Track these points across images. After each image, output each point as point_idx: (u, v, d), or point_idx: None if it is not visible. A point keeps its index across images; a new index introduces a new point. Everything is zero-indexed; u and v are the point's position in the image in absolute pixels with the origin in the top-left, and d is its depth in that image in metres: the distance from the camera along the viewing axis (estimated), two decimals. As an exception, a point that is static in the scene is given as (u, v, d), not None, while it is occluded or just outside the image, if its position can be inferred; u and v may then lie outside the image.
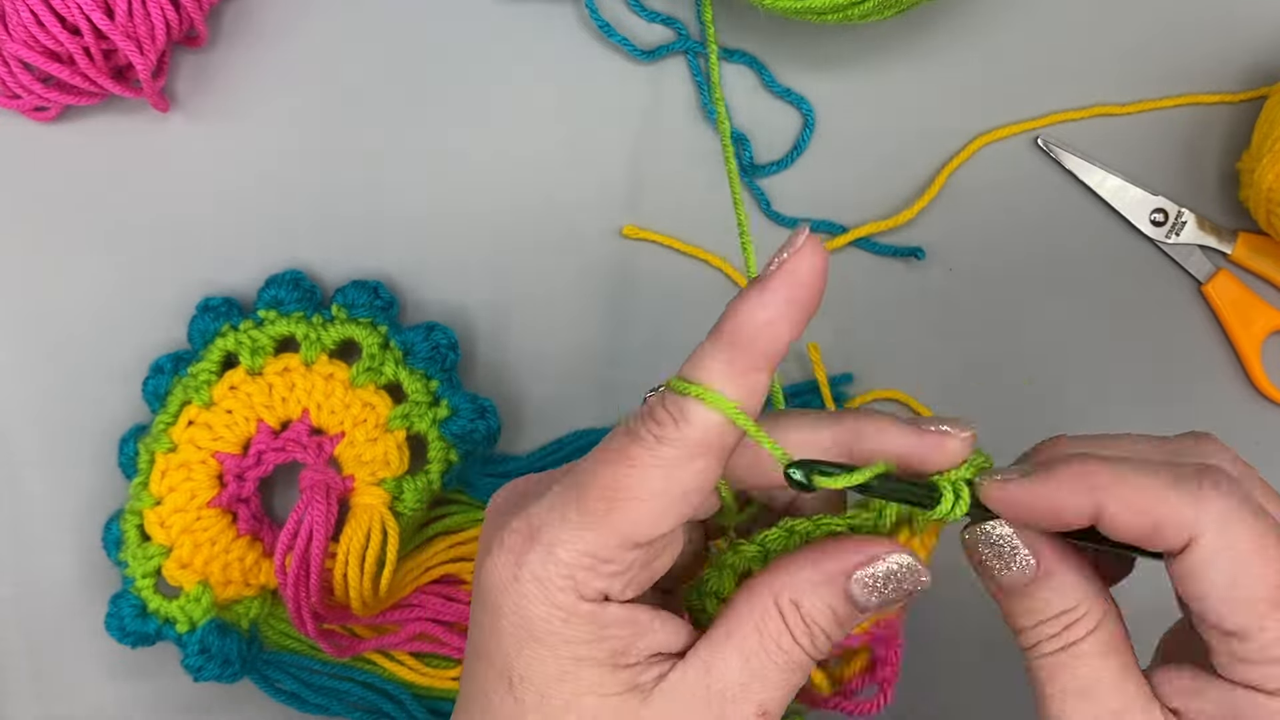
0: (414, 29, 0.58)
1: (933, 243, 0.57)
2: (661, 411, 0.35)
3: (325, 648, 0.52)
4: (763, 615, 0.36)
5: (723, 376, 0.35)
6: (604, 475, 0.35)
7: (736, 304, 0.35)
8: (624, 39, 0.57)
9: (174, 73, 0.58)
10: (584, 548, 0.35)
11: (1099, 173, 0.57)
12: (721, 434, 0.35)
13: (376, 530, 0.52)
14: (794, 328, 0.35)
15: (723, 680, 0.36)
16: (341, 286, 0.55)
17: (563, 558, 0.35)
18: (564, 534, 0.35)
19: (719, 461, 0.35)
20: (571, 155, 0.58)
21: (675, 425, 0.35)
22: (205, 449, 0.53)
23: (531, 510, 0.36)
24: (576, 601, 0.35)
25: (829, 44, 0.58)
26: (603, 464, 0.35)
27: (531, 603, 0.35)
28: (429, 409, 0.54)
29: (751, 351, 0.35)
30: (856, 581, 0.36)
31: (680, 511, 0.35)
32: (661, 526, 0.35)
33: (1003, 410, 0.57)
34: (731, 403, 0.34)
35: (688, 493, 0.35)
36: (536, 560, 0.35)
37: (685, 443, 0.34)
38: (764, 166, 0.58)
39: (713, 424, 0.35)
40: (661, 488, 0.35)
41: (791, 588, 0.36)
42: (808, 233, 0.35)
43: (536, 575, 0.35)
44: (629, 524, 0.35)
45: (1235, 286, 0.57)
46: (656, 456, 0.34)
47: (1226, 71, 0.58)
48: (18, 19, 0.52)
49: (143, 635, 0.53)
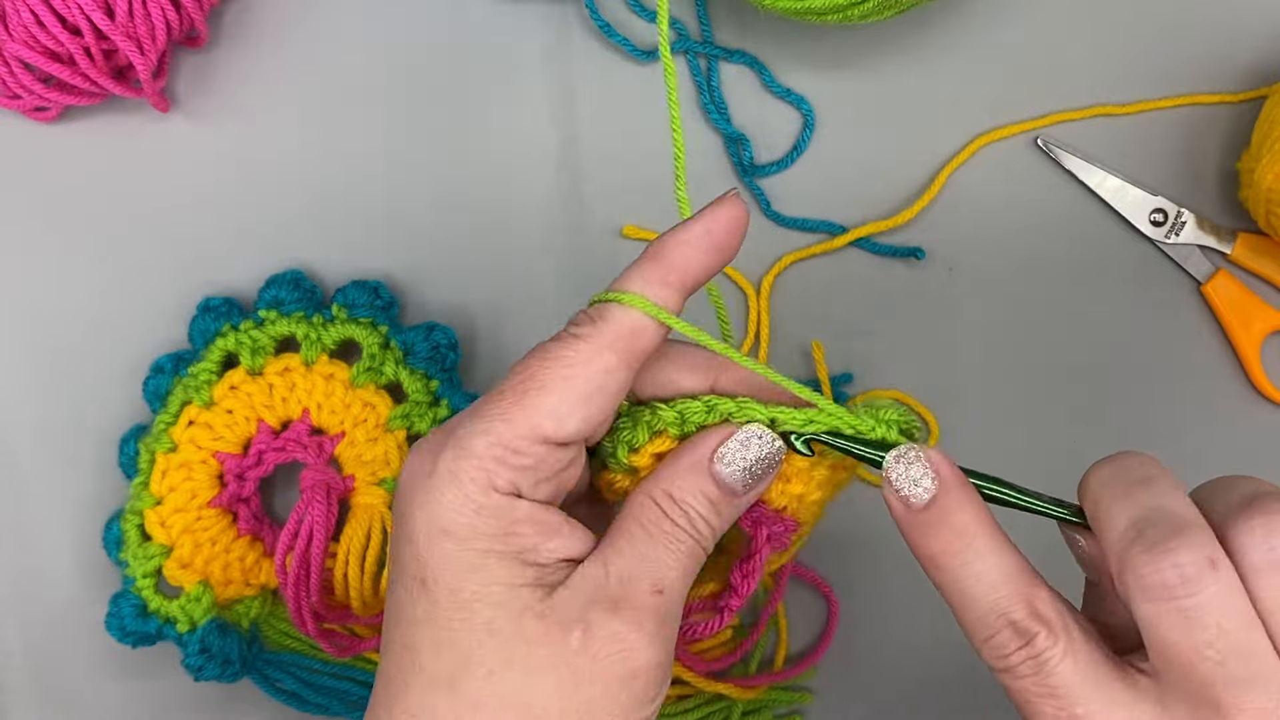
0: (414, 29, 0.58)
1: (933, 243, 0.57)
2: (581, 314, 0.39)
3: (325, 647, 0.52)
4: (640, 508, 0.39)
5: (637, 284, 0.38)
6: (520, 370, 0.38)
7: (660, 235, 0.39)
8: (624, 39, 0.57)
9: (174, 73, 0.58)
10: (494, 438, 0.36)
11: (1099, 173, 0.57)
12: (635, 332, 0.38)
13: (377, 530, 0.52)
14: (706, 257, 0.39)
15: (617, 568, 0.38)
16: (342, 286, 0.55)
17: (475, 449, 0.36)
18: (477, 426, 0.37)
19: (628, 364, 0.38)
20: (571, 155, 0.58)
21: (592, 323, 0.38)
22: (206, 449, 0.53)
23: (451, 420, 0.38)
24: (488, 491, 0.36)
25: (829, 44, 0.58)
26: (520, 362, 0.38)
27: (444, 495, 0.37)
28: (429, 409, 0.54)
29: (664, 266, 0.39)
30: (718, 459, 0.39)
31: (588, 407, 0.37)
32: (569, 421, 0.37)
33: (1003, 410, 0.57)
34: (646, 300, 0.38)
35: (596, 389, 0.37)
36: (450, 455, 0.37)
37: (598, 336, 0.38)
38: (764, 166, 0.58)
39: (626, 321, 0.38)
40: (569, 375, 0.37)
41: (664, 480, 0.39)
42: (734, 192, 0.40)
43: (450, 469, 0.37)
44: (538, 413, 0.37)
45: (1235, 286, 0.57)
46: (570, 348, 0.37)
47: (1226, 71, 0.58)
48: (18, 19, 0.52)
49: (143, 635, 0.53)
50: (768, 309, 0.57)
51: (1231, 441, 0.57)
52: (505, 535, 0.37)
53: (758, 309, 0.57)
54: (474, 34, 0.58)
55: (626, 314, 0.38)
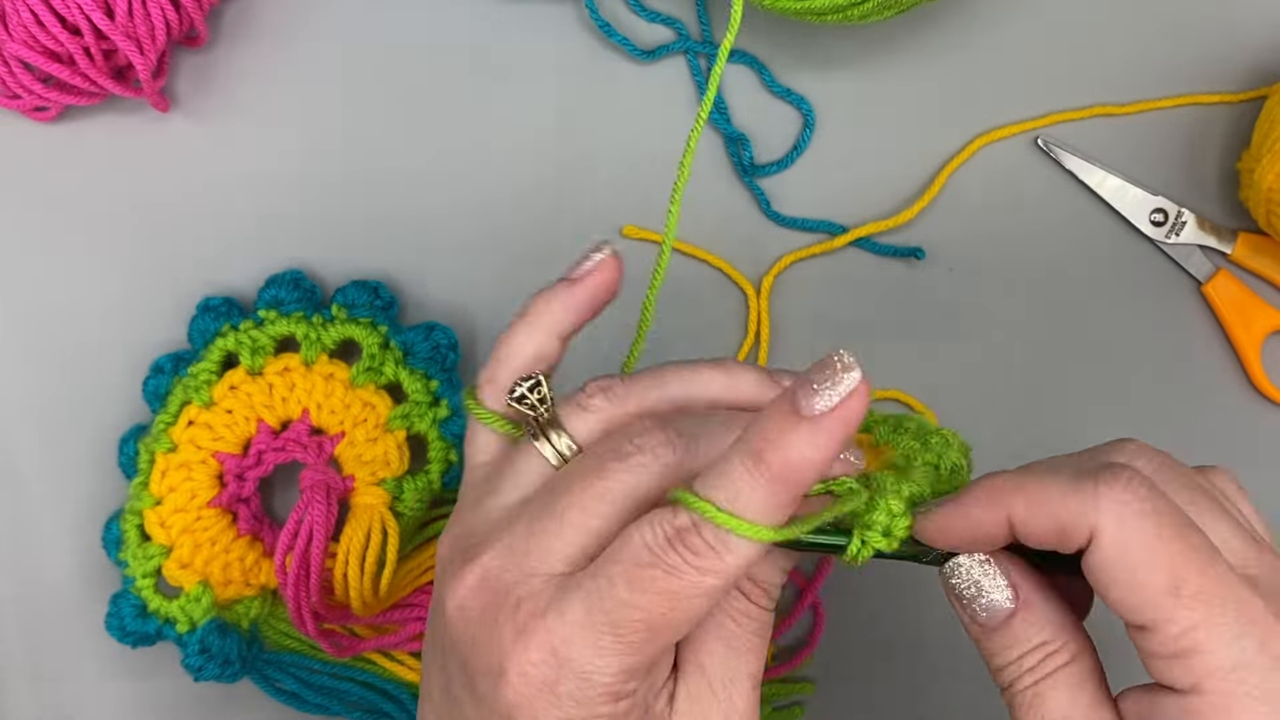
0: (414, 29, 0.58)
1: (933, 243, 0.57)
2: (700, 543, 0.34)
3: (325, 647, 0.52)
4: (728, 602, 0.38)
5: (764, 512, 0.34)
6: (639, 607, 0.35)
7: (784, 434, 0.33)
8: (624, 39, 0.57)
9: (174, 73, 0.58)
10: (620, 669, 0.35)
11: (1099, 173, 0.57)
12: (758, 558, 0.35)
13: (376, 530, 0.52)
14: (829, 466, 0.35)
15: (716, 671, 0.37)
16: (341, 286, 0.55)
17: (602, 682, 0.35)
18: (599, 662, 0.35)
19: None
20: (571, 155, 0.58)
21: (718, 558, 0.34)
22: (205, 449, 0.53)
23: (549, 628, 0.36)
24: (615, 704, 0.36)
25: (829, 44, 0.58)
26: (638, 594, 0.35)
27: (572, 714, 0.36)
28: (429, 409, 0.54)
29: (795, 490, 0.34)
30: None
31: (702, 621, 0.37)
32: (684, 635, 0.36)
33: (1002, 410, 0.57)
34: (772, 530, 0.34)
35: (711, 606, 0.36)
36: (574, 688, 0.35)
37: (726, 575, 0.35)
38: (764, 166, 0.58)
39: (752, 555, 0.35)
40: (699, 615, 0.35)
41: None
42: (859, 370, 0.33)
43: (575, 700, 0.35)
44: (665, 645, 0.36)
45: (1235, 286, 0.57)
46: (698, 589, 0.35)
47: (1226, 71, 0.58)
48: (18, 19, 0.52)
49: (143, 635, 0.53)
50: (768, 309, 0.57)
51: (1231, 441, 0.57)
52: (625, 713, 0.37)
53: (758, 309, 0.57)
54: (474, 34, 0.58)
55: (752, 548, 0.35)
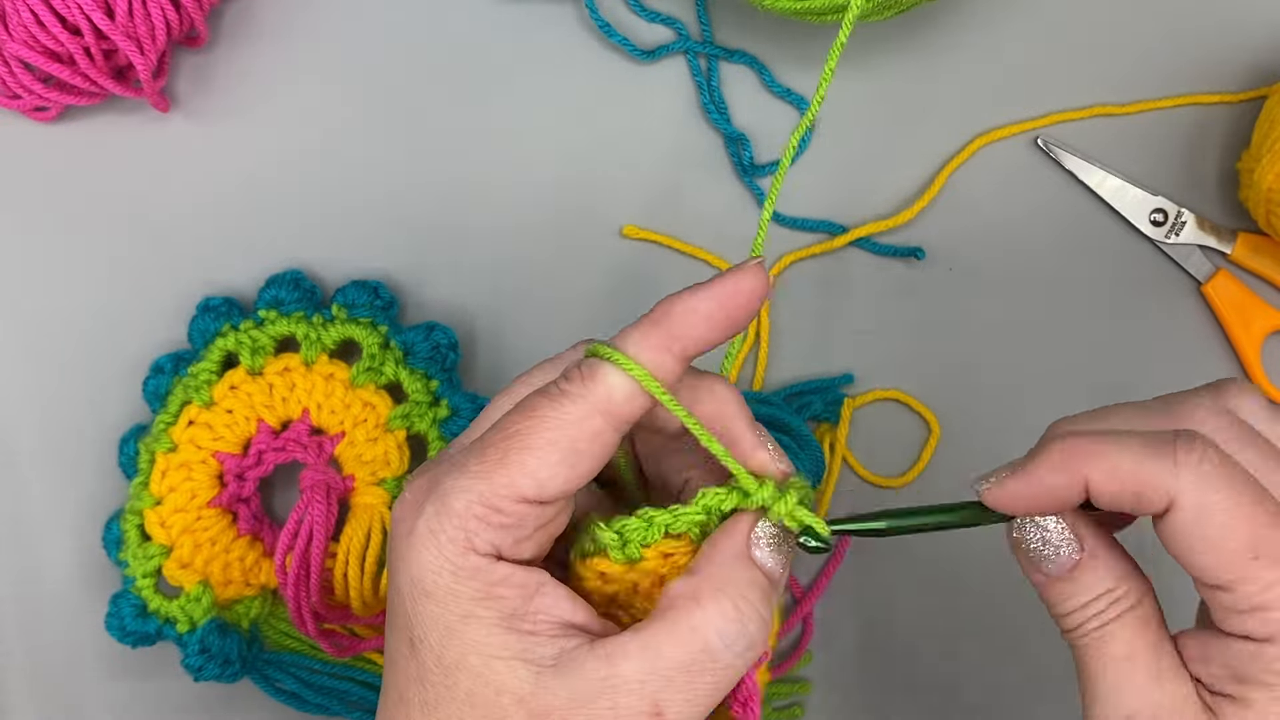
0: (414, 29, 0.58)
1: (933, 243, 0.57)
2: (573, 370, 0.37)
3: (325, 647, 0.52)
4: (679, 614, 0.36)
5: (636, 346, 0.37)
6: (504, 425, 0.36)
7: (670, 295, 0.37)
8: (624, 39, 0.57)
9: (174, 73, 0.58)
10: (475, 496, 0.35)
11: (1099, 173, 0.57)
12: (625, 398, 0.36)
13: (376, 530, 0.52)
14: (715, 327, 0.37)
15: (621, 674, 0.35)
16: (341, 286, 0.55)
17: (455, 507, 0.36)
18: (459, 482, 0.36)
19: (616, 428, 0.37)
20: (571, 155, 0.58)
21: (582, 382, 0.36)
22: (205, 449, 0.53)
23: (436, 465, 0.37)
24: (465, 553, 0.35)
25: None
26: (506, 416, 0.37)
27: (422, 555, 0.36)
28: (429, 409, 0.54)
29: (668, 330, 0.37)
30: (754, 543, 0.37)
31: (572, 470, 0.36)
32: (552, 483, 0.36)
33: (1002, 410, 0.57)
34: (641, 368, 0.36)
35: (581, 451, 0.36)
36: (431, 511, 0.36)
37: (587, 399, 0.36)
38: (764, 166, 0.58)
39: (617, 386, 0.36)
40: (555, 438, 0.36)
41: (713, 580, 0.36)
42: (758, 262, 0.38)
43: (430, 527, 0.36)
44: (521, 473, 0.35)
45: (1235, 286, 0.57)
46: (557, 408, 0.36)
47: (1226, 71, 0.58)
48: (18, 19, 0.52)
49: (143, 635, 0.53)
50: (768, 309, 0.57)
51: (1231, 441, 0.57)
52: (484, 599, 0.35)
53: (758, 309, 0.57)
54: (474, 34, 0.58)
55: (619, 378, 0.36)
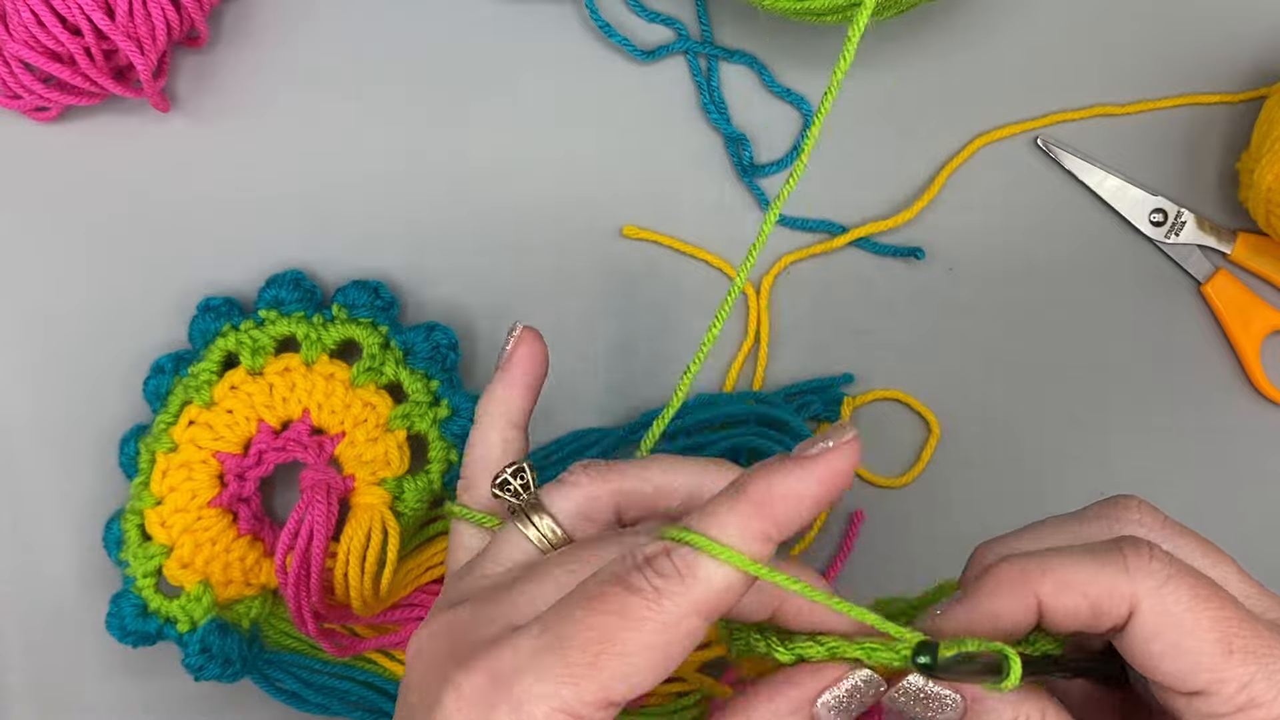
0: (414, 29, 0.58)
1: (933, 242, 0.57)
2: (665, 563, 0.32)
3: (326, 647, 0.52)
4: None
5: (737, 535, 0.32)
6: (592, 625, 0.32)
7: (769, 468, 0.33)
8: (624, 39, 0.57)
9: (175, 73, 0.58)
10: (560, 704, 0.32)
11: (1098, 173, 0.57)
12: (727, 593, 0.33)
13: (377, 530, 0.52)
14: (815, 512, 0.33)
15: None
16: (342, 286, 0.55)
17: (536, 714, 0.32)
18: (539, 687, 0.32)
19: (710, 621, 0.33)
20: (571, 155, 0.58)
21: (680, 579, 0.32)
22: (206, 449, 0.53)
23: (494, 655, 0.33)
24: None
25: (829, 44, 0.58)
26: (591, 613, 0.32)
27: None
28: (429, 409, 0.54)
29: (771, 517, 0.33)
30: (823, 705, 0.35)
31: (665, 670, 0.33)
32: (644, 685, 0.32)
33: (1002, 410, 0.57)
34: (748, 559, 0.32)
35: (675, 655, 0.33)
36: (505, 715, 0.32)
37: (688, 599, 0.32)
38: (764, 166, 0.58)
39: (719, 581, 0.32)
40: (651, 642, 0.32)
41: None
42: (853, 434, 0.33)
43: None
44: (612, 680, 0.32)
45: (1234, 286, 0.57)
46: (654, 610, 0.32)
47: (1226, 71, 0.58)
48: (18, 19, 0.52)
49: (143, 635, 0.53)
50: (768, 308, 0.57)
51: (1231, 441, 0.57)
52: None
53: (758, 309, 0.57)
54: (474, 34, 0.58)
55: (720, 571, 0.32)
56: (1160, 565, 0.33)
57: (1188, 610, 0.33)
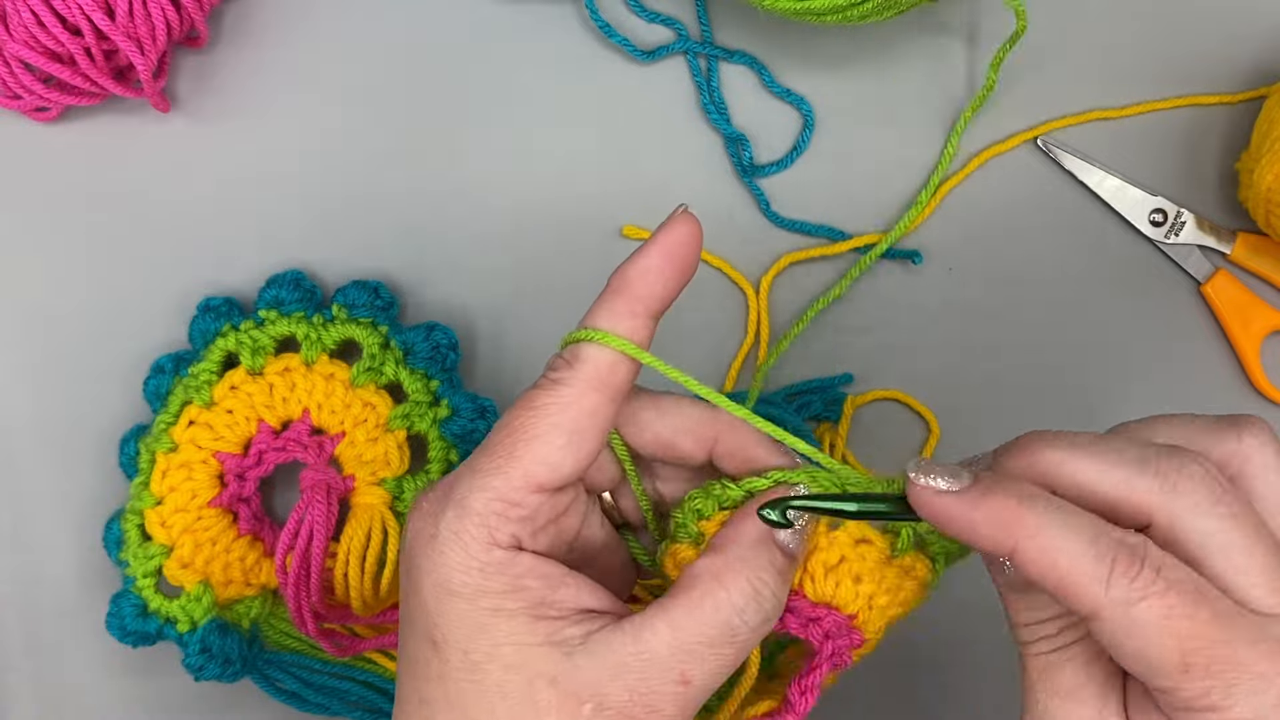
0: (414, 29, 0.58)
1: (932, 243, 0.57)
2: (557, 359, 0.39)
3: (326, 647, 0.52)
4: (703, 593, 0.38)
5: (606, 320, 0.39)
6: (507, 423, 0.38)
7: (620, 265, 0.40)
8: (624, 39, 0.57)
9: (175, 73, 0.58)
10: (492, 494, 0.37)
11: (1098, 173, 0.57)
12: (611, 368, 0.39)
13: (377, 530, 0.52)
14: (669, 278, 0.39)
15: (649, 650, 0.37)
16: (342, 286, 0.55)
17: (474, 506, 0.37)
18: (474, 483, 0.37)
19: (611, 399, 0.39)
20: (571, 155, 0.58)
21: (569, 367, 0.39)
22: (206, 449, 0.53)
23: (449, 477, 0.39)
24: (490, 548, 0.37)
25: (829, 44, 0.58)
26: (506, 415, 0.39)
27: (448, 556, 0.37)
28: (429, 409, 0.54)
29: (629, 295, 0.39)
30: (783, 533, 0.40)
31: (579, 448, 0.38)
32: (563, 464, 0.38)
33: (1002, 410, 0.57)
34: (617, 337, 0.39)
35: (584, 429, 0.38)
36: (451, 515, 0.37)
37: (578, 379, 0.38)
38: (764, 167, 0.58)
39: (602, 360, 0.38)
40: (557, 422, 0.38)
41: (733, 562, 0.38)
42: (684, 208, 0.40)
43: (452, 529, 0.37)
44: (532, 464, 0.37)
45: (1234, 286, 0.57)
46: (552, 395, 0.38)
47: (1226, 72, 0.58)
48: (19, 19, 0.52)
49: (143, 635, 0.53)
50: (767, 309, 0.57)
51: (1231, 441, 0.57)
52: (512, 591, 0.37)
53: (757, 309, 0.57)
54: (474, 34, 0.58)
55: (600, 352, 0.39)
56: (1140, 584, 0.33)
57: (1152, 626, 0.33)
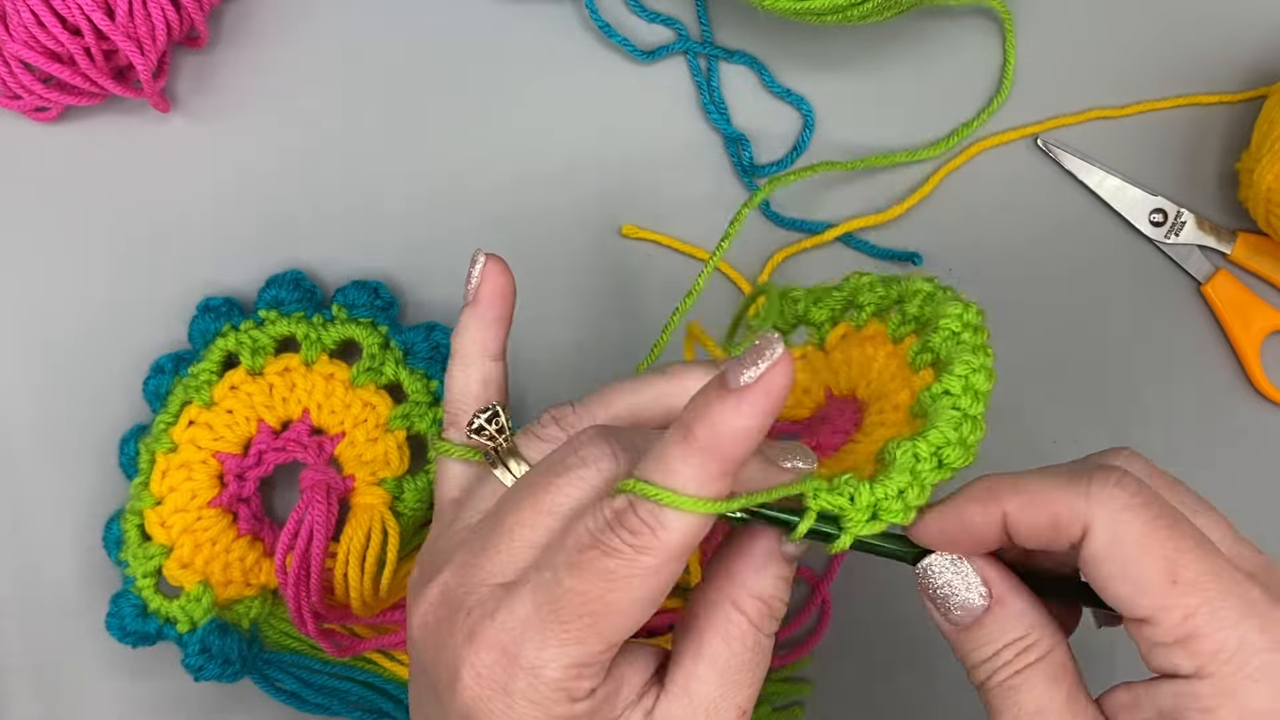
0: (414, 29, 0.58)
1: (932, 242, 0.57)
2: (636, 521, 0.34)
3: (326, 647, 0.52)
4: (725, 623, 0.37)
5: (696, 484, 0.34)
6: (581, 592, 0.35)
7: (710, 406, 0.33)
8: (624, 39, 0.57)
9: (174, 73, 0.58)
10: (569, 662, 0.35)
11: (1098, 173, 0.57)
12: (697, 533, 0.35)
13: (377, 530, 0.52)
14: (761, 438, 0.34)
15: (704, 699, 0.37)
16: (342, 286, 0.55)
17: (551, 677, 0.35)
18: (546, 655, 0.35)
19: (685, 560, 0.35)
20: (571, 155, 0.58)
21: (653, 534, 0.34)
22: (206, 449, 0.53)
23: (498, 627, 0.36)
24: (571, 705, 0.36)
25: (829, 44, 0.58)
26: (579, 581, 0.35)
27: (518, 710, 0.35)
28: (429, 409, 0.54)
29: (725, 461, 0.34)
30: (789, 544, 0.38)
31: (656, 605, 0.35)
32: (641, 623, 0.35)
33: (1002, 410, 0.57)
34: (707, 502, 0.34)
35: (663, 592, 0.35)
36: (525, 685, 0.35)
37: (663, 550, 0.34)
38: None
39: (690, 530, 0.34)
40: (640, 596, 0.35)
41: (746, 586, 0.37)
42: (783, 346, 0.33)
43: (529, 698, 0.35)
44: (611, 631, 0.35)
45: (1234, 286, 0.57)
46: (635, 568, 0.34)
47: (1226, 71, 0.58)
48: (18, 19, 0.52)
49: (143, 635, 0.53)
50: (768, 309, 0.57)
51: (1231, 441, 0.57)
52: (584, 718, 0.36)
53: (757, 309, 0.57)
54: (474, 34, 0.58)
55: (688, 521, 0.34)
56: (1122, 492, 0.35)
57: (1138, 538, 0.34)
